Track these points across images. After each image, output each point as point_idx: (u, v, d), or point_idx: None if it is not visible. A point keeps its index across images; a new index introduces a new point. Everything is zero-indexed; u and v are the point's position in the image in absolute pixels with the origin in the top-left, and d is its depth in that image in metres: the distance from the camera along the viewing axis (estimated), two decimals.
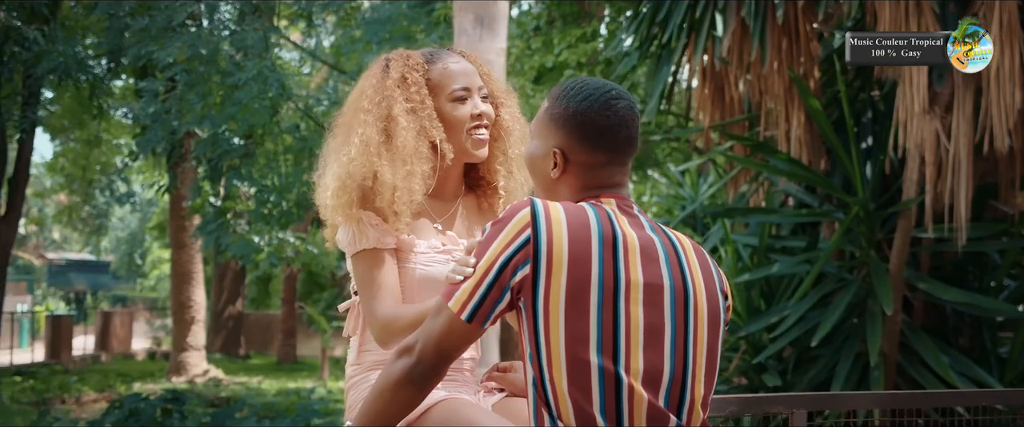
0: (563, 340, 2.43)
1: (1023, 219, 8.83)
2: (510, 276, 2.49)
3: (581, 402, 2.42)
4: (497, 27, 7.63)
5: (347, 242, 3.08)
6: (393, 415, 2.61)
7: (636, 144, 2.71)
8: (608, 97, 2.65)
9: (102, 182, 33.93)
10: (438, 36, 13.27)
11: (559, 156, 2.66)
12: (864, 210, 8.01)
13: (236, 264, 29.52)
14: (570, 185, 2.67)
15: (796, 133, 8.49)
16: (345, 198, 3.08)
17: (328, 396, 20.49)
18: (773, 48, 8.34)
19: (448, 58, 3.24)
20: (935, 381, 7.86)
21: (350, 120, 3.20)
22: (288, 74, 15.97)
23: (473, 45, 7.53)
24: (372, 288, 3.01)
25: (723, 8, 8.60)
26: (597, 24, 12.39)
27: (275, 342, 32.49)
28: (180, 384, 23.92)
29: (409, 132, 3.09)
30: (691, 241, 2.67)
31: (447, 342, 2.55)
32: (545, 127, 2.71)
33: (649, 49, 9.46)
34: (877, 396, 4.54)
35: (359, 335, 3.19)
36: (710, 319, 2.57)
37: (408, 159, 3.07)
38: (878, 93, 9.11)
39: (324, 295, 32.62)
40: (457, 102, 3.17)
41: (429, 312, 2.65)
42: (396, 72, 3.18)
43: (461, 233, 3.23)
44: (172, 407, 16.43)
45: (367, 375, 3.12)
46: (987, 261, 8.80)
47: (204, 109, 14.03)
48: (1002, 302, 8.27)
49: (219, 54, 14.31)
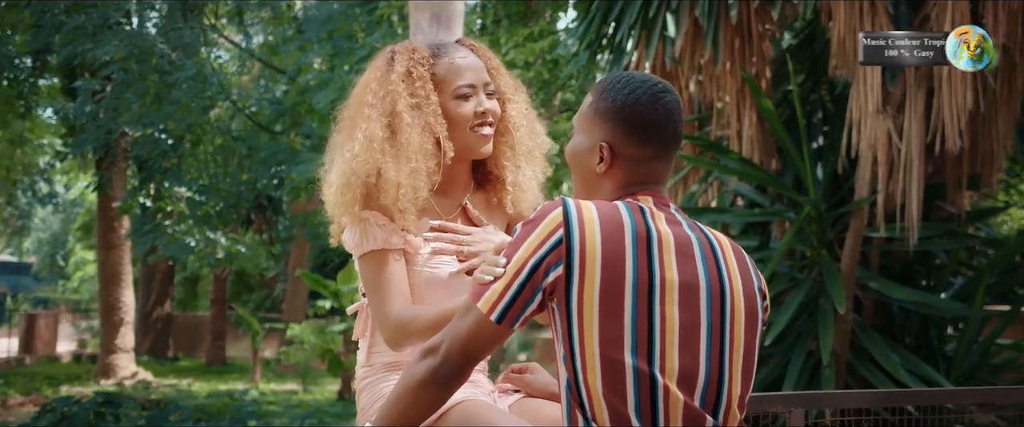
0: (597, 341, 2.40)
1: (969, 219, 8.95)
2: (542, 277, 2.45)
3: (616, 404, 2.39)
4: (454, 25, 7.58)
5: (354, 243, 3.03)
6: (416, 416, 2.57)
7: (681, 138, 2.68)
8: (656, 90, 2.61)
9: (24, 183, 33.38)
10: (380, 35, 13.19)
11: (606, 150, 2.61)
12: (816, 210, 8.06)
13: (164, 265, 29.17)
14: (614, 180, 2.62)
15: (747, 133, 8.53)
16: (349, 196, 3.03)
17: (261, 398, 20.26)
18: (726, 48, 8.37)
19: (455, 53, 3.19)
20: (885, 380, 7.93)
21: (354, 114, 3.14)
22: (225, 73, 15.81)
23: (429, 42, 7.46)
24: (381, 290, 2.96)
25: (676, 8, 8.62)
26: (545, 23, 12.38)
27: (203, 344, 32.13)
28: (109, 387, 23.55)
29: (413, 128, 3.04)
30: (729, 240, 2.64)
31: (474, 343, 2.51)
32: (590, 121, 2.66)
33: (599, 48, 9.46)
34: (872, 394, 4.57)
35: (369, 337, 3.14)
36: (747, 318, 2.53)
37: (413, 156, 3.02)
38: (826, 94, 9.18)
39: (253, 296, 32.34)
40: (462, 98, 3.12)
41: (453, 312, 2.62)
42: (401, 66, 3.13)
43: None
44: (105, 410, 16.16)
45: (380, 377, 3.07)
46: (934, 260, 8.91)
47: (141, 108, 13.84)
48: (950, 300, 8.37)
49: (155, 53, 14.13)
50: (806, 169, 8.04)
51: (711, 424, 2.44)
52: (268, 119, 15.18)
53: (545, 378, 3.03)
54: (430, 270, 3.03)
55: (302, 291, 25.20)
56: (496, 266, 2.51)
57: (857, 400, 4.44)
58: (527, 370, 3.08)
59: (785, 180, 8.67)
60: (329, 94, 13.17)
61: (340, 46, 13.63)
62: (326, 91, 13.14)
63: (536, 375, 3.05)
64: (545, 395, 3.01)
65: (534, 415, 2.91)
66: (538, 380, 3.02)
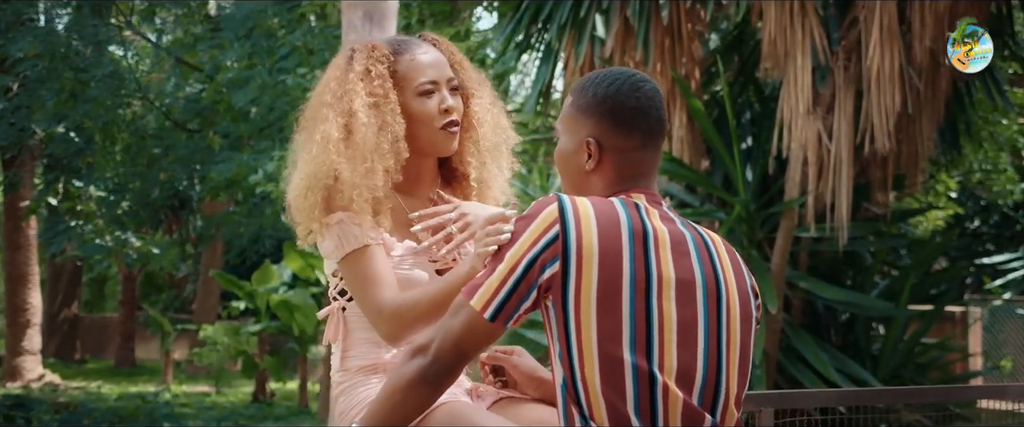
0: (595, 338, 2.36)
1: (894, 218, 9.07)
2: (538, 274, 2.40)
3: (615, 401, 2.35)
4: (386, 24, 7.51)
5: (333, 248, 2.96)
6: (405, 416, 2.52)
7: (665, 127, 2.65)
8: (635, 80, 2.58)
9: None
10: (302, 33, 13.06)
11: (593, 145, 2.57)
12: (746, 210, 8.11)
13: (71, 266, 28.66)
14: (605, 176, 2.58)
15: (678, 133, 8.57)
16: (312, 200, 2.97)
17: (174, 400, 20.00)
18: (656, 48, 8.40)
19: (417, 48, 3.12)
20: (815, 379, 8.00)
21: (314, 114, 3.08)
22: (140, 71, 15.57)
23: (362, 40, 7.39)
24: (370, 285, 2.89)
25: (607, 9, 8.62)
26: (469, 23, 12.34)
27: (111, 345, 31.62)
28: (15, 389, 23.11)
29: (370, 128, 2.98)
30: (721, 238, 2.61)
31: (467, 341, 2.46)
32: (573, 121, 2.62)
33: (528, 49, 9.45)
34: (838, 393, 4.59)
35: (342, 341, 3.07)
36: (743, 316, 2.51)
37: (367, 156, 2.95)
38: (755, 95, 9.25)
39: (162, 296, 31.90)
40: (425, 95, 3.06)
41: (448, 293, 2.58)
42: (360, 65, 3.06)
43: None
44: (15, 413, 15.87)
45: (358, 381, 3.01)
46: (861, 260, 9.01)
47: (57, 106, 13.58)
48: (878, 300, 8.47)
49: (70, 49, 13.86)
50: (736, 169, 8.09)
51: (710, 423, 2.42)
52: (182, 117, 14.97)
53: (531, 362, 2.97)
54: (404, 272, 2.98)
55: (214, 291, 24.89)
56: (500, 234, 2.48)
57: (825, 399, 4.46)
58: (512, 353, 3.02)
59: (715, 180, 8.72)
60: (249, 93, 13.02)
61: (260, 44, 13.49)
62: (246, 90, 12.99)
63: (522, 358, 3.00)
64: (530, 379, 2.95)
65: (516, 417, 2.86)
66: (525, 363, 2.96)
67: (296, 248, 18.56)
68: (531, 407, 2.92)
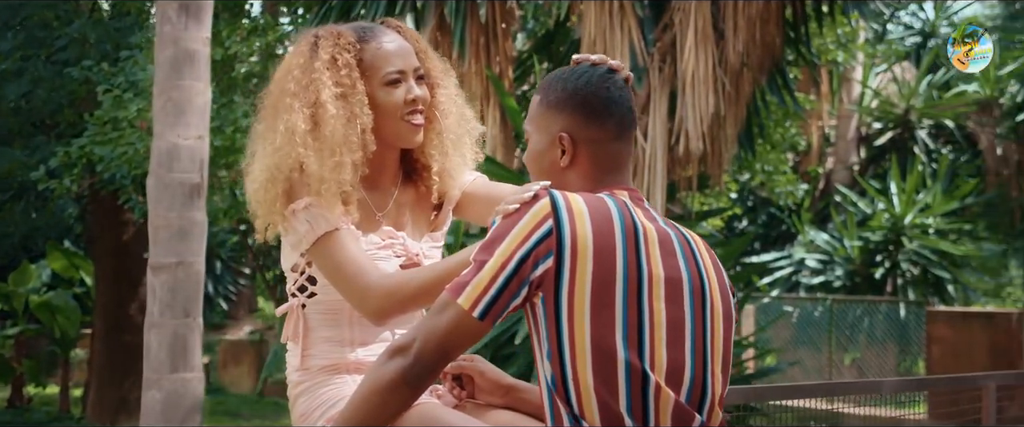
0: (589, 335, 2.31)
1: (698, 218, 9.28)
2: (531, 270, 2.34)
3: (607, 399, 2.31)
4: (202, 16, 7.28)
5: (302, 236, 2.82)
6: (382, 418, 2.44)
7: (636, 118, 2.62)
8: (603, 71, 2.55)
9: None
10: (80, 24, 12.55)
11: (567, 140, 2.51)
12: None
13: None
14: (581, 171, 2.53)
15: (491, 131, 8.56)
16: (273, 192, 2.85)
17: None
18: (472, 46, 8.38)
19: (383, 36, 3.01)
20: None
21: (276, 103, 2.95)
22: None
23: (177, 33, 7.17)
24: (350, 265, 2.76)
25: (423, 7, 8.55)
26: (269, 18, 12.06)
27: None
28: None
29: (338, 120, 2.86)
30: (699, 236, 2.59)
31: (451, 341, 2.38)
32: (543, 118, 2.57)
33: None
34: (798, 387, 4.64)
35: (302, 340, 2.93)
36: (725, 315, 2.50)
37: (336, 149, 2.84)
38: None
39: None
40: (391, 86, 2.95)
41: (446, 278, 2.51)
42: (326, 53, 2.94)
43: (401, 224, 3.02)
44: None
45: (319, 381, 2.88)
46: None
47: None
48: None
49: None
50: None
51: (698, 423, 2.40)
52: None
53: (495, 370, 2.89)
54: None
55: None
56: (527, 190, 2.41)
57: (793, 393, 4.51)
58: (474, 360, 2.93)
59: (527, 178, 8.73)
60: (22, 85, 12.48)
61: (34, 36, 12.93)
62: (20, 82, 12.42)
63: (486, 365, 2.91)
64: (496, 386, 2.87)
65: (485, 420, 2.78)
66: (491, 370, 2.88)
67: (60, 246, 17.87)
68: (498, 412, 2.85)
